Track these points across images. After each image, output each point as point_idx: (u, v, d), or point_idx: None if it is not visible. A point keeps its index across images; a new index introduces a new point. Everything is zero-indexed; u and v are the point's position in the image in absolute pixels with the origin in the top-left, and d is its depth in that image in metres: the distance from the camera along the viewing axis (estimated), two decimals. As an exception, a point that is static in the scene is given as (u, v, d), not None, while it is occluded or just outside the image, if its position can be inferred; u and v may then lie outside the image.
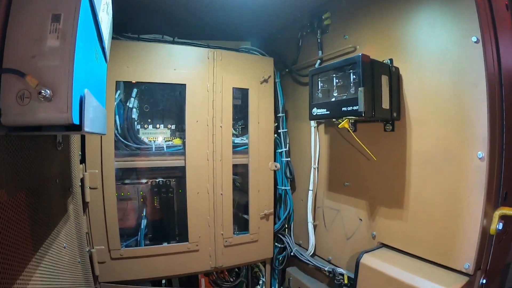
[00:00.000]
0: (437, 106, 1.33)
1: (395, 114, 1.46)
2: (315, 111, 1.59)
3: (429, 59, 1.36)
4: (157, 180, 2.04)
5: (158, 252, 1.88)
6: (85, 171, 1.71)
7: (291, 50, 2.22)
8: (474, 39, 1.18)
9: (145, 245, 1.92)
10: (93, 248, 1.75)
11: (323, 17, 1.90)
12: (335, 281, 1.76)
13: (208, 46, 2.02)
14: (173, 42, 1.97)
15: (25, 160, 0.93)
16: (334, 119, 1.52)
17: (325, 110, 1.54)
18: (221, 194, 2.00)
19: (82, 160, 1.70)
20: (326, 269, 1.83)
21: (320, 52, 1.96)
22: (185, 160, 1.92)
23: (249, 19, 2.12)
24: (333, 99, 1.51)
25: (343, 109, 1.42)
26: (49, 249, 1.10)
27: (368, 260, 1.47)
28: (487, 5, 1.23)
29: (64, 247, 1.26)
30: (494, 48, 1.23)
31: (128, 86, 1.92)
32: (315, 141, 2.01)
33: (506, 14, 1.41)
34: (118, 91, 1.87)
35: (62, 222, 1.29)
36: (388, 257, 1.47)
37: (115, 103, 1.81)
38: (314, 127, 2.01)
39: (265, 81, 2.13)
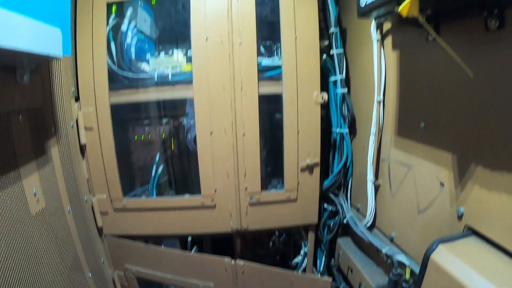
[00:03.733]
0: None
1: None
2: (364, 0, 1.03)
3: None
4: (179, 120, 1.75)
5: (165, 205, 1.61)
6: (80, 110, 1.51)
7: None
8: None
9: (158, 195, 1.69)
10: (94, 196, 1.59)
11: None
12: (391, 273, 1.23)
13: None
14: None
15: None
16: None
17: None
18: (243, 134, 1.54)
19: (78, 98, 1.52)
20: (383, 251, 1.30)
21: None
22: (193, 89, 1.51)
23: None
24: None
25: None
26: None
27: (443, 256, 0.89)
28: None
29: (35, 194, 1.14)
30: None
31: (121, 7, 1.56)
32: (379, 60, 1.33)
33: None
34: (112, 16, 1.55)
35: (33, 166, 1.15)
36: (477, 256, 0.84)
37: (107, 28, 1.50)
38: (378, 40, 1.31)
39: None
